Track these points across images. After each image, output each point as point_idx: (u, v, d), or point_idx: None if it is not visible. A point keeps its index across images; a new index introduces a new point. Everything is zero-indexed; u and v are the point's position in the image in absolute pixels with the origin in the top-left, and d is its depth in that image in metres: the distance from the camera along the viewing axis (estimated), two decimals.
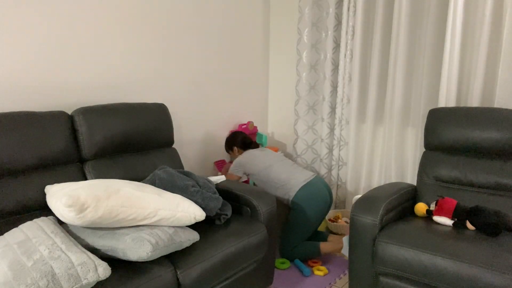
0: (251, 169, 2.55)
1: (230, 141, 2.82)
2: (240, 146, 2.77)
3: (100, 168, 1.94)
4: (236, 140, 2.78)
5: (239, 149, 2.77)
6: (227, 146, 2.85)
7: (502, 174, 1.98)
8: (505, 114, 2.00)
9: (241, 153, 2.72)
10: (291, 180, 2.44)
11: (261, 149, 2.69)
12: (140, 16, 2.39)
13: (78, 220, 1.36)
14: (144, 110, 2.14)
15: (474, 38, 2.34)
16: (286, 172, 2.48)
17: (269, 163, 2.53)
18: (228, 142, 2.83)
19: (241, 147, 2.76)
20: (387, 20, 2.72)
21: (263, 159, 2.56)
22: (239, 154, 2.73)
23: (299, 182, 2.43)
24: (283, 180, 2.45)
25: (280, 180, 2.46)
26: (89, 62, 2.17)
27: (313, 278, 2.31)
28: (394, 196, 1.98)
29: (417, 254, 1.67)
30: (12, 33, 1.86)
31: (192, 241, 1.59)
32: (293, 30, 3.28)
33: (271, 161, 2.55)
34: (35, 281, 1.12)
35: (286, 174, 2.47)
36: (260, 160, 2.56)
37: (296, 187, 2.41)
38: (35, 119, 1.74)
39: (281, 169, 2.50)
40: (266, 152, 2.64)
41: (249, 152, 2.64)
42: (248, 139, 2.79)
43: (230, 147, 2.83)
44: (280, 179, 2.46)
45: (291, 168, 2.53)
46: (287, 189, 2.43)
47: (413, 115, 2.71)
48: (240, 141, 2.77)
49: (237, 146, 2.78)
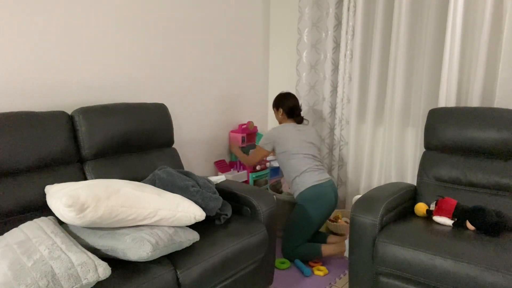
0: (280, 146, 2.50)
1: (280, 101, 2.67)
2: (286, 111, 2.65)
3: (100, 168, 1.94)
4: (285, 104, 2.64)
5: (283, 112, 2.66)
6: (275, 103, 2.71)
7: (502, 174, 1.98)
8: (505, 114, 2.00)
9: (283, 118, 2.66)
10: (305, 176, 2.43)
11: (299, 127, 2.59)
12: (140, 16, 2.39)
13: (78, 220, 1.36)
14: (144, 110, 2.13)
15: (474, 38, 2.34)
16: (306, 167, 2.45)
17: (298, 149, 2.48)
18: (278, 99, 2.69)
19: (287, 113, 2.65)
20: (387, 20, 2.72)
21: (296, 141, 2.49)
22: (281, 118, 2.67)
23: (311, 181, 2.42)
24: (299, 172, 2.44)
25: (297, 171, 2.45)
26: (89, 62, 2.17)
27: (313, 278, 2.31)
28: (394, 196, 1.98)
29: (417, 254, 1.67)
30: (12, 33, 1.86)
31: (192, 241, 1.59)
32: (293, 30, 3.28)
33: (302, 148, 2.49)
34: (35, 281, 1.12)
35: (305, 168, 2.44)
36: (292, 140, 2.49)
37: (306, 185, 2.41)
38: (35, 119, 1.73)
39: (304, 161, 2.46)
40: (301, 134, 2.55)
41: (285, 127, 2.56)
42: (297, 109, 2.66)
43: (277, 106, 2.69)
44: (298, 170, 2.45)
45: (312, 165, 2.48)
46: (298, 182, 2.44)
47: (413, 115, 2.71)
48: (288, 106, 2.63)
49: (284, 109, 2.65)
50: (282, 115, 2.68)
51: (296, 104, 2.67)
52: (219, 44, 2.95)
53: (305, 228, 2.41)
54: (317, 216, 2.40)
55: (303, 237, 2.43)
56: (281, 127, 2.58)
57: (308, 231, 2.42)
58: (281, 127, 2.58)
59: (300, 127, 2.61)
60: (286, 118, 2.67)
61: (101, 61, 2.23)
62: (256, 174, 3.10)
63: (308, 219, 2.40)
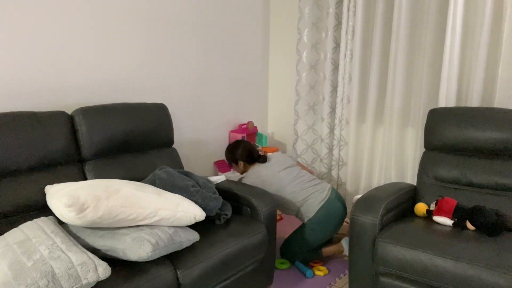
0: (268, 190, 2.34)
1: (233, 154, 2.51)
2: (245, 160, 2.48)
3: (100, 168, 1.94)
4: (242, 154, 2.48)
5: (244, 163, 2.49)
6: (230, 158, 2.55)
7: (502, 174, 1.98)
8: (505, 114, 2.00)
9: (247, 167, 2.50)
10: (308, 201, 2.30)
11: (268, 166, 2.42)
12: (140, 16, 2.39)
13: (78, 220, 1.36)
14: (144, 110, 2.13)
15: (474, 38, 2.34)
16: (301, 192, 2.32)
17: (281, 183, 2.33)
18: (231, 155, 2.53)
19: (247, 161, 2.48)
20: (387, 20, 2.72)
21: (278, 179, 2.35)
22: (244, 169, 2.51)
23: (317, 202, 2.29)
24: (300, 202, 2.30)
25: (297, 202, 2.31)
26: (89, 62, 2.17)
27: (313, 278, 2.31)
28: (394, 196, 1.98)
29: (417, 254, 1.67)
30: (12, 34, 1.86)
31: (192, 241, 1.59)
32: (293, 30, 3.28)
33: (283, 181, 2.34)
34: (35, 281, 1.12)
35: (303, 195, 2.31)
36: (275, 181, 2.34)
37: (315, 208, 2.28)
38: (35, 119, 1.73)
39: (296, 188, 2.32)
40: (275, 167, 2.39)
41: (256, 174, 2.39)
42: (255, 152, 2.50)
43: (234, 160, 2.53)
44: (297, 201, 2.31)
45: (306, 184, 2.35)
46: (305, 210, 2.31)
47: (413, 115, 2.71)
48: (246, 154, 2.47)
49: (243, 160, 2.49)
50: (245, 166, 2.50)
51: (250, 148, 2.50)
52: (219, 44, 2.95)
53: (313, 244, 2.35)
54: (327, 234, 2.34)
55: (308, 249, 2.38)
56: (254, 174, 2.39)
57: (316, 245, 2.37)
58: (254, 174, 2.39)
59: (269, 164, 2.43)
60: (249, 165, 2.49)
61: (101, 61, 2.23)
62: None
63: (317, 238, 2.33)
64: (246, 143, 2.55)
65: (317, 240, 2.34)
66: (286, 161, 2.48)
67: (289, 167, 2.44)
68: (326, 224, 2.31)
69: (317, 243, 2.36)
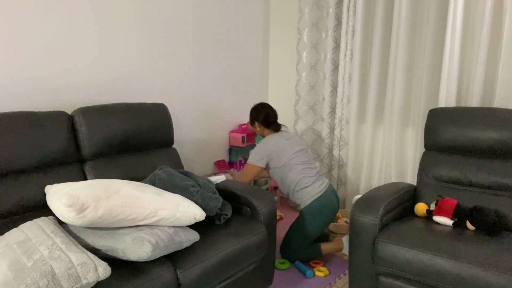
0: (275, 160, 2.38)
1: (253, 114, 2.56)
2: (261, 122, 2.53)
3: (100, 168, 1.94)
4: (259, 115, 2.52)
5: (260, 124, 2.54)
6: (250, 118, 2.61)
7: (502, 174, 1.98)
8: (505, 114, 2.00)
9: (263, 130, 2.55)
10: (307, 188, 2.35)
11: (286, 135, 2.46)
12: (140, 16, 2.39)
13: (78, 220, 1.36)
14: (144, 110, 2.13)
15: (474, 38, 2.34)
16: (305, 177, 2.36)
17: (295, 160, 2.37)
18: (251, 115, 2.59)
19: (263, 123, 2.53)
20: (387, 20, 2.72)
21: (289, 151, 2.38)
22: (260, 131, 2.57)
23: (314, 192, 2.35)
24: (299, 186, 2.35)
25: (298, 184, 2.35)
26: (89, 62, 2.17)
27: (313, 278, 2.31)
28: (394, 196, 1.98)
29: (417, 254, 1.67)
30: (12, 34, 1.86)
31: (192, 241, 1.59)
32: (293, 30, 3.28)
33: (297, 157, 2.39)
34: (35, 281, 1.12)
35: (305, 181, 2.35)
36: (286, 152, 2.38)
37: (311, 197, 2.34)
38: (35, 119, 1.73)
39: (303, 173, 2.37)
40: (291, 142, 2.43)
41: (273, 138, 2.42)
42: (272, 116, 2.53)
43: (252, 120, 2.59)
44: (299, 183, 2.35)
45: (311, 172, 2.40)
46: (302, 195, 2.36)
47: (413, 115, 2.71)
48: (262, 117, 2.51)
49: (259, 121, 2.54)
50: (260, 128, 2.56)
51: (268, 112, 2.53)
52: (219, 44, 2.95)
53: (309, 235, 2.38)
54: (322, 224, 2.38)
55: (305, 242, 2.41)
56: (269, 139, 2.43)
57: (312, 237, 2.40)
58: (269, 139, 2.43)
59: (287, 136, 2.48)
60: (264, 129, 2.55)
61: (101, 61, 2.23)
62: None
63: (313, 229, 2.37)
64: (268, 109, 2.56)
65: (313, 231, 2.37)
66: (302, 143, 2.54)
67: (303, 150, 2.49)
68: (320, 215, 2.36)
69: (313, 235, 2.39)
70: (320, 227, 2.39)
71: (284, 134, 2.49)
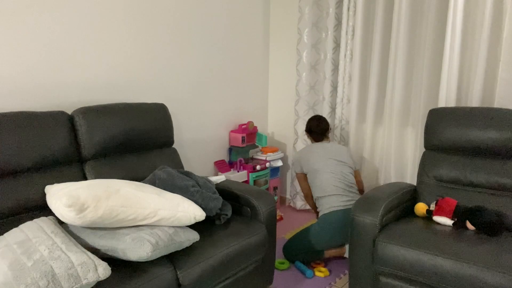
0: (305, 166, 2.54)
1: (306, 124, 2.77)
2: (307, 132, 2.73)
3: (100, 168, 1.94)
4: (307, 125, 2.72)
5: (307, 134, 2.74)
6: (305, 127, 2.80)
7: (502, 174, 1.98)
8: (505, 114, 2.00)
9: (311, 139, 2.73)
10: (331, 197, 2.38)
11: (327, 145, 2.57)
12: (141, 16, 2.39)
13: (78, 220, 1.36)
14: (144, 110, 2.13)
15: (474, 38, 2.34)
16: (331, 189, 2.40)
17: (322, 166, 2.46)
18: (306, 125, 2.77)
19: (308, 133, 2.73)
20: (387, 20, 2.72)
21: (319, 158, 2.49)
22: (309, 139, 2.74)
23: (338, 202, 2.36)
24: (324, 194, 2.41)
25: (322, 192, 2.42)
26: (89, 62, 2.17)
27: (313, 278, 2.31)
28: (394, 196, 1.98)
29: (417, 254, 1.67)
30: (12, 34, 1.86)
31: (192, 241, 1.59)
32: (293, 30, 3.28)
33: (327, 165, 2.46)
34: (35, 281, 1.12)
35: (330, 189, 2.40)
36: (315, 158, 2.50)
37: (330, 208, 2.36)
38: (35, 119, 1.73)
39: (330, 182, 2.41)
40: (326, 151, 2.53)
41: (310, 147, 2.60)
42: (315, 126, 2.66)
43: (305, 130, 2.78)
44: (323, 191, 2.42)
45: (339, 184, 2.41)
46: (323, 203, 2.41)
47: (413, 115, 2.71)
48: (308, 127, 2.71)
49: (306, 131, 2.74)
50: (309, 137, 2.75)
51: (316, 123, 2.66)
52: (219, 44, 2.95)
53: (316, 245, 2.35)
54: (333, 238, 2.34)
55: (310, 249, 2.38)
56: (303, 148, 2.64)
57: (318, 247, 2.37)
58: (303, 148, 2.64)
59: (327, 145, 2.57)
60: (310, 138, 2.73)
61: (101, 61, 2.23)
62: (256, 174, 3.10)
63: (323, 240, 2.34)
64: (318, 121, 2.68)
65: (322, 242, 2.34)
66: (342, 155, 2.54)
67: (340, 162, 2.51)
68: (334, 228, 2.31)
69: (321, 246, 2.35)
70: (330, 241, 2.34)
71: (324, 144, 2.60)
